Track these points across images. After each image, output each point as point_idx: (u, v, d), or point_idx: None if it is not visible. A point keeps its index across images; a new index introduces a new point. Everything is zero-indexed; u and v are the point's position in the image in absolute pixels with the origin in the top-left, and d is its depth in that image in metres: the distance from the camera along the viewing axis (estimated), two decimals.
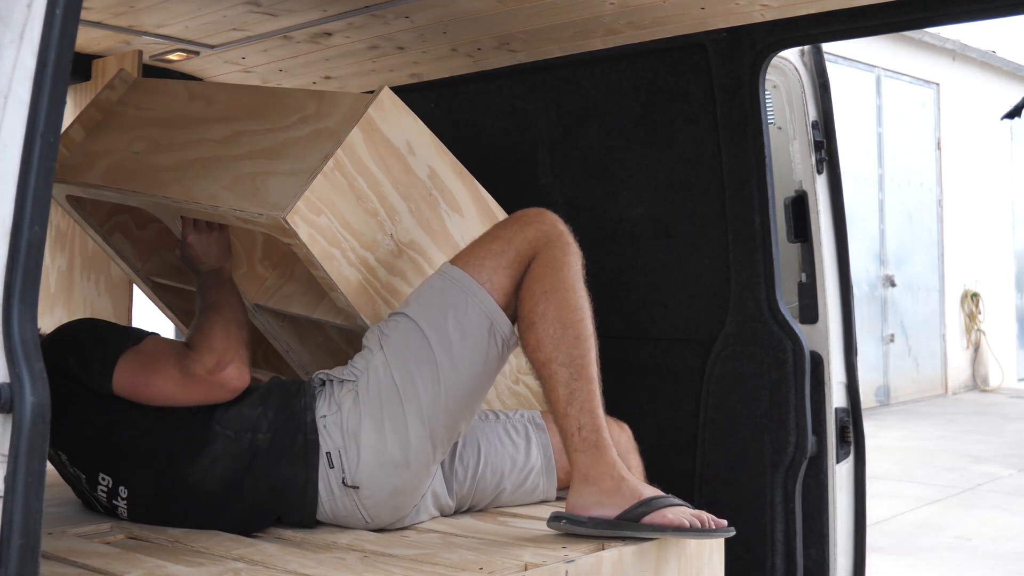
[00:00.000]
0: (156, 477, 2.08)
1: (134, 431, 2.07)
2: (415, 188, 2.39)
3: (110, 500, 2.13)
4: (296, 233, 2.14)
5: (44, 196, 1.22)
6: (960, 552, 5.07)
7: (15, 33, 1.23)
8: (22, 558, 1.16)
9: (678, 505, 2.01)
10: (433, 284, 2.14)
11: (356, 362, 2.12)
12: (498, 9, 2.64)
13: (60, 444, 2.13)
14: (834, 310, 2.76)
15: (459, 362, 2.07)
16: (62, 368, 2.04)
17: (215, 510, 2.08)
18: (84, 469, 2.13)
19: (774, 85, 2.86)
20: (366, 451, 2.04)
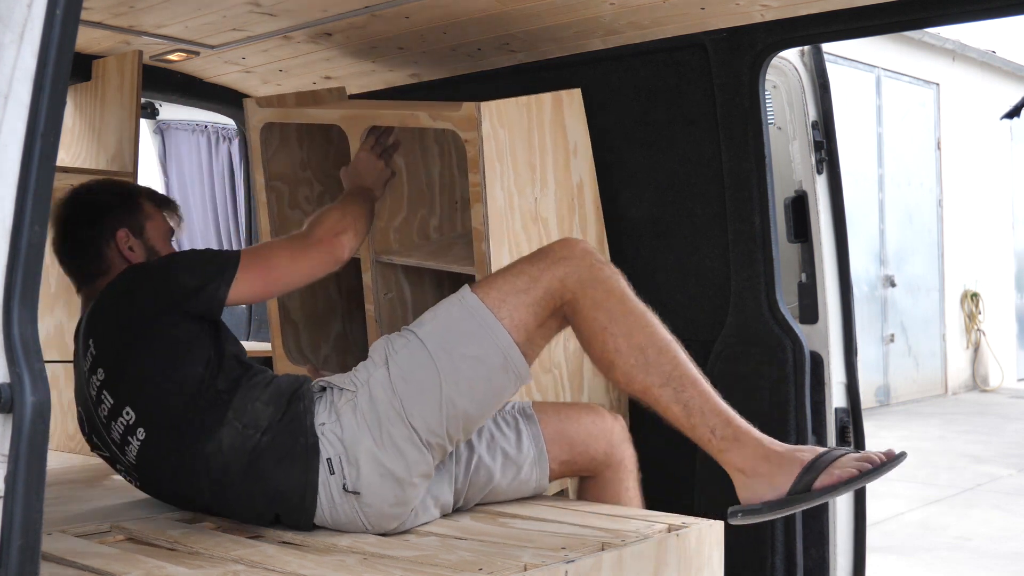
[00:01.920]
0: (174, 440, 2.08)
1: (177, 385, 2.09)
2: (564, 184, 2.71)
3: (125, 436, 2.12)
4: (480, 123, 2.44)
5: (44, 196, 1.22)
6: (960, 552, 5.07)
7: (15, 33, 1.23)
8: (22, 558, 1.16)
9: (840, 455, 1.92)
10: (450, 310, 2.10)
11: (358, 372, 2.11)
12: (498, 9, 2.64)
13: (112, 363, 2.13)
14: (834, 310, 2.76)
15: (464, 391, 2.05)
16: (160, 289, 2.13)
17: (213, 497, 2.10)
18: (116, 395, 2.12)
19: (774, 85, 2.86)
20: (365, 462, 2.03)
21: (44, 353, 1.25)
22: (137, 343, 2.12)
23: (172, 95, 3.54)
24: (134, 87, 3.01)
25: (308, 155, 3.21)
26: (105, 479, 2.73)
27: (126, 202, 2.35)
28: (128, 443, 2.13)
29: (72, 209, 2.33)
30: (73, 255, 2.34)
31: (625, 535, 2.04)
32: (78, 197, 2.36)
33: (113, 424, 2.14)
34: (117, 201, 2.34)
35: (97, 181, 2.46)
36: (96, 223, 2.30)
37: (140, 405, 2.11)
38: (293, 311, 3.20)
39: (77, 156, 3.17)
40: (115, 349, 2.14)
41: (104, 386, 2.14)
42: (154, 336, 2.12)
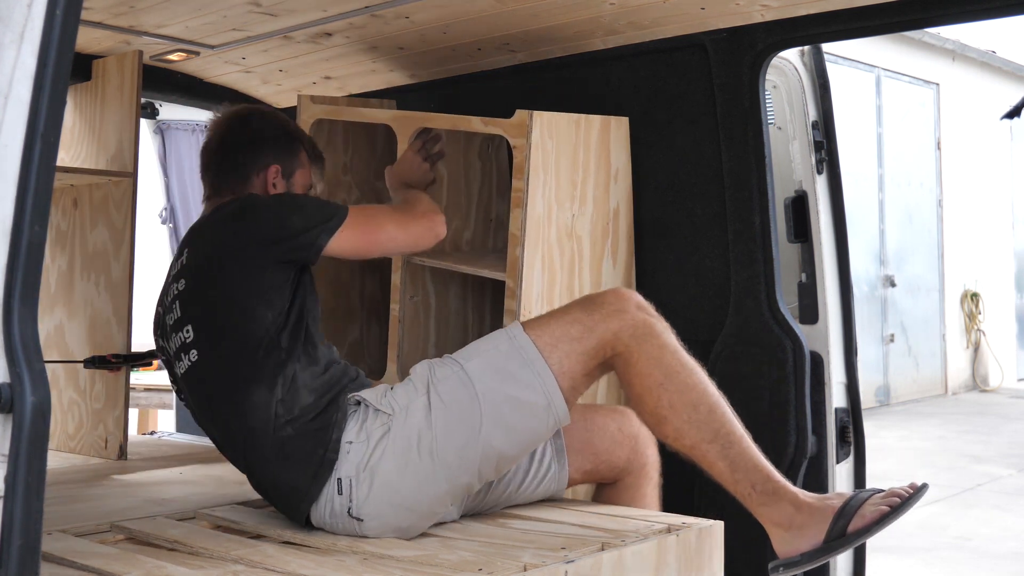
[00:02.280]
0: (219, 377, 2.10)
1: (243, 324, 2.08)
2: (601, 207, 2.78)
3: (179, 352, 2.15)
4: (531, 131, 2.55)
5: (44, 196, 1.22)
6: (960, 552, 5.07)
7: (15, 33, 1.23)
8: (22, 558, 1.16)
9: (867, 497, 1.97)
10: (499, 346, 2.08)
11: (397, 395, 2.07)
12: (498, 9, 2.64)
13: (194, 278, 2.14)
14: (834, 310, 2.76)
15: (503, 433, 2.03)
16: (265, 224, 2.14)
17: (234, 450, 2.14)
18: (185, 310, 2.14)
19: (774, 85, 2.86)
20: (380, 488, 2.00)
21: (44, 353, 1.25)
22: (224, 269, 2.12)
23: (172, 95, 3.54)
24: (134, 87, 3.01)
25: (351, 160, 3.28)
26: (105, 479, 2.73)
27: (289, 143, 2.39)
28: (180, 359, 2.15)
29: (239, 129, 2.37)
30: (220, 169, 2.36)
31: (625, 535, 2.04)
32: (249, 120, 2.39)
33: (175, 335, 2.16)
34: (283, 139, 2.38)
35: (270, 111, 2.48)
36: (256, 151, 2.34)
37: (202, 329, 2.11)
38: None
39: (77, 156, 3.17)
40: (203, 267, 2.14)
41: (179, 297, 2.15)
42: (242, 268, 2.11)
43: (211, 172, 2.37)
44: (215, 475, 2.77)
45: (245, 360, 2.07)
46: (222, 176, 2.35)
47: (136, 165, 3.02)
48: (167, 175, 4.70)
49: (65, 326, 3.13)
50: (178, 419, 4.27)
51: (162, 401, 5.30)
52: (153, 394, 5.35)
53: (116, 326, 3.00)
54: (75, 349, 3.09)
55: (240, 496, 2.42)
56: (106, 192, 3.06)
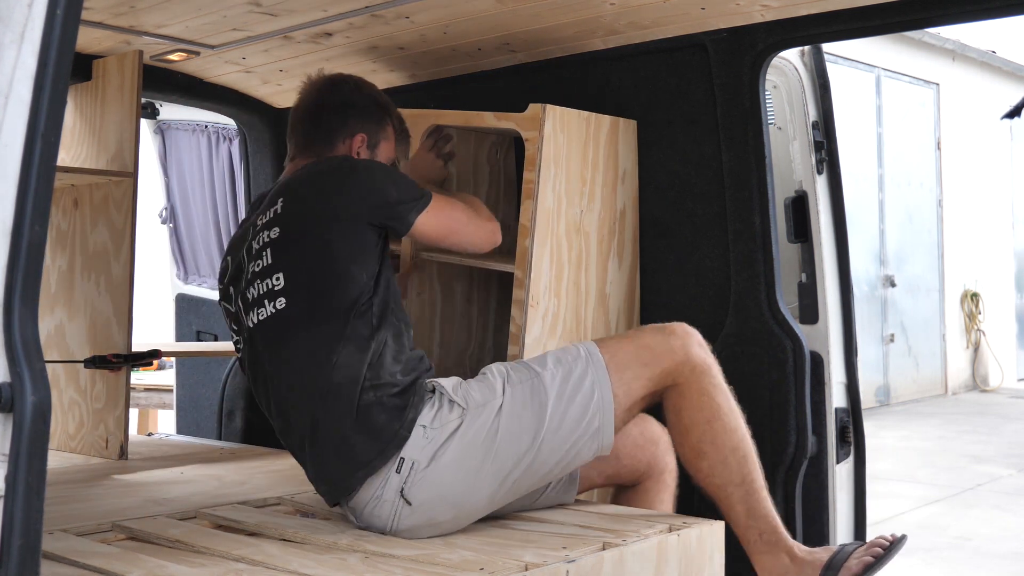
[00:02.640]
0: (305, 327, 2.08)
1: (341, 281, 2.08)
2: (609, 206, 2.80)
3: (262, 299, 2.13)
4: (544, 123, 2.59)
5: (45, 196, 1.22)
6: (960, 552, 5.07)
7: (16, 33, 1.23)
8: (22, 558, 1.16)
9: (851, 551, 2.12)
10: (575, 363, 2.14)
11: (473, 390, 2.10)
12: (498, 9, 2.64)
13: (291, 229, 2.13)
14: (834, 310, 2.76)
15: (556, 448, 2.09)
16: (367, 189, 2.16)
17: (287, 407, 2.11)
18: (277, 258, 2.13)
19: (774, 85, 2.86)
20: (437, 478, 2.03)
21: (44, 353, 1.25)
22: (324, 222, 2.12)
23: (172, 95, 3.54)
24: (134, 87, 3.01)
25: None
26: (106, 479, 2.73)
27: (379, 114, 2.39)
28: (261, 305, 2.13)
29: (330, 93, 2.37)
30: (308, 130, 2.36)
31: (626, 535, 2.04)
32: (341, 86, 2.39)
33: (258, 283, 2.14)
34: (372, 109, 2.38)
35: (363, 81, 2.46)
36: (345, 118, 2.34)
37: (295, 279, 2.10)
38: None
39: (77, 156, 3.17)
40: (302, 219, 2.14)
41: (271, 245, 2.14)
42: (342, 224, 2.13)
43: (297, 133, 2.37)
44: (216, 475, 2.77)
45: (339, 317, 2.07)
46: (308, 138, 2.35)
47: (136, 165, 3.02)
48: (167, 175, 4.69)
49: (65, 326, 3.13)
50: (178, 420, 4.27)
51: (162, 401, 5.30)
52: (153, 394, 5.35)
53: (116, 326, 3.00)
54: (75, 349, 3.09)
55: (241, 496, 2.43)
56: (106, 192, 3.06)
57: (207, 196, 4.57)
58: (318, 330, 2.08)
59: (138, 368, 3.92)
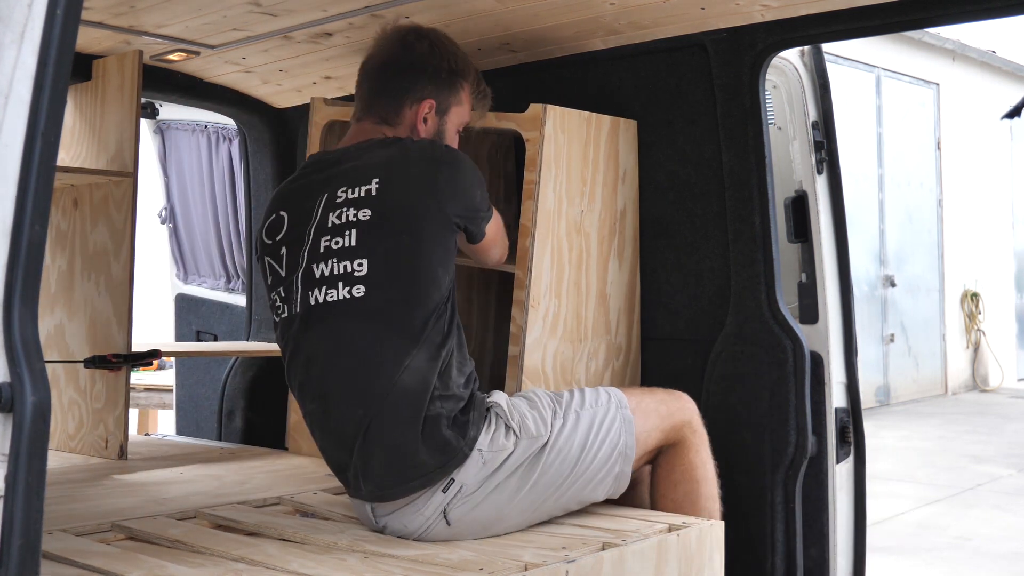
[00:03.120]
0: (382, 320, 2.03)
1: (426, 278, 2.05)
2: (609, 207, 2.80)
3: (333, 279, 2.05)
4: (544, 123, 2.59)
5: (45, 196, 1.22)
6: (960, 552, 5.07)
7: (16, 33, 1.23)
8: (22, 558, 1.16)
9: None
10: (609, 404, 2.20)
11: (527, 417, 2.09)
12: (498, 9, 2.64)
13: (387, 216, 2.07)
14: (834, 310, 2.76)
15: (581, 488, 2.14)
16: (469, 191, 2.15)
17: (346, 400, 2.04)
18: (363, 243, 2.06)
19: (774, 85, 2.86)
20: (477, 500, 2.02)
21: (44, 353, 1.25)
22: (419, 220, 2.06)
23: (172, 95, 3.54)
24: (134, 87, 3.01)
25: None
26: (105, 479, 2.73)
27: (450, 78, 2.30)
28: (333, 287, 2.05)
29: (400, 52, 2.28)
30: (374, 88, 2.29)
31: (626, 535, 2.05)
32: (413, 45, 2.28)
33: (333, 262, 2.07)
34: (444, 73, 2.29)
35: (439, 38, 2.34)
36: (414, 80, 2.26)
37: (381, 270, 2.04)
38: None
39: (77, 156, 3.17)
40: (399, 210, 2.07)
41: (359, 227, 2.06)
42: (436, 226, 2.08)
43: (363, 90, 2.30)
44: (215, 475, 2.77)
45: (418, 319, 2.02)
46: (373, 97, 2.27)
47: (136, 165, 3.01)
48: (167, 175, 4.69)
49: (65, 326, 3.13)
50: (178, 420, 4.27)
51: (162, 401, 5.30)
52: (153, 394, 5.35)
53: (116, 326, 3.00)
54: (75, 349, 3.09)
55: (240, 496, 2.43)
56: (106, 192, 3.06)
57: (207, 196, 4.57)
58: (393, 328, 2.02)
59: (138, 368, 3.92)
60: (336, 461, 2.13)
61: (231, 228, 4.50)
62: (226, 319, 4.24)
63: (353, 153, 2.20)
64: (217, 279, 4.55)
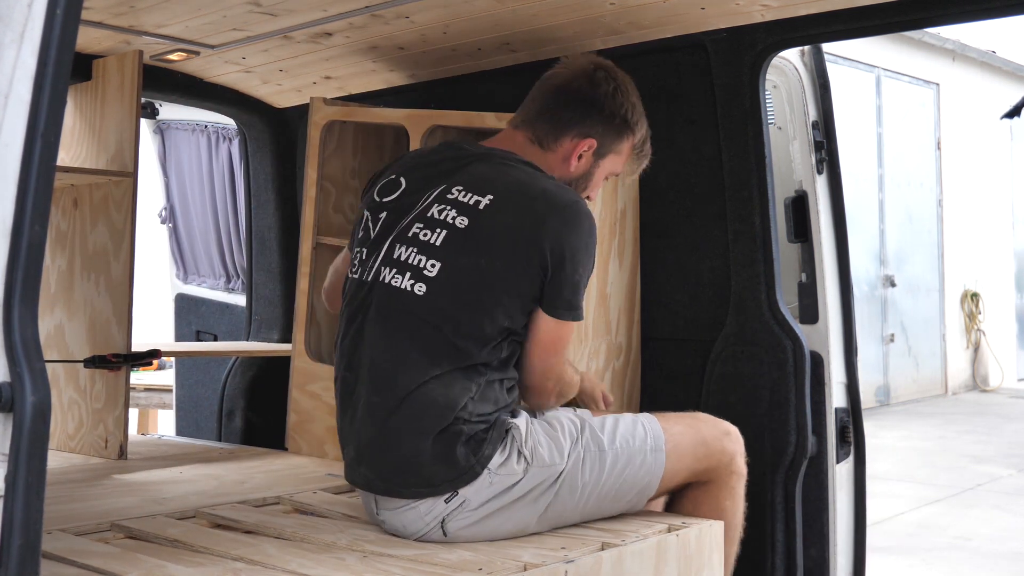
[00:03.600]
0: (435, 330, 1.99)
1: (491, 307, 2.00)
2: (609, 206, 2.78)
3: (403, 268, 2.03)
4: None
5: (44, 196, 1.22)
6: (960, 552, 5.07)
7: (16, 33, 1.23)
8: (22, 558, 1.16)
9: None
10: (643, 451, 2.13)
11: (541, 444, 2.05)
12: (498, 9, 2.64)
13: (481, 238, 2.02)
14: (834, 310, 2.76)
15: (591, 513, 2.12)
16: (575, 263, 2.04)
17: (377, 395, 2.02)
18: (447, 248, 2.01)
19: (774, 85, 2.86)
20: (478, 518, 2.01)
21: (44, 353, 1.25)
22: (512, 258, 2.00)
23: (172, 95, 3.54)
24: (134, 87, 3.01)
25: (360, 165, 3.28)
26: (105, 479, 2.73)
27: (621, 126, 2.23)
28: (401, 272, 2.04)
29: (587, 84, 2.20)
30: (545, 107, 2.21)
31: (625, 535, 2.04)
32: (601, 84, 2.20)
33: (412, 250, 2.04)
34: (617, 119, 2.22)
35: (628, 85, 2.25)
36: (586, 115, 2.19)
37: (449, 281, 2.00)
38: (319, 312, 3.20)
39: (77, 156, 3.17)
40: (497, 233, 2.01)
41: (450, 230, 2.03)
42: (526, 273, 2.01)
43: (533, 104, 2.23)
44: (214, 474, 2.77)
45: (464, 340, 1.98)
46: (540, 115, 2.20)
47: (136, 165, 3.01)
48: (167, 175, 4.69)
49: (65, 326, 3.13)
50: (178, 420, 4.27)
51: (162, 401, 5.30)
52: (153, 394, 5.35)
53: (116, 326, 3.00)
54: (75, 349, 3.09)
55: (240, 495, 2.43)
56: (106, 192, 3.06)
57: (207, 196, 4.57)
58: (435, 337, 2.00)
59: (138, 368, 3.92)
60: (345, 432, 2.12)
61: (231, 228, 4.50)
62: (226, 319, 4.24)
63: (491, 157, 2.15)
64: (217, 279, 4.56)
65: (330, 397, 3.05)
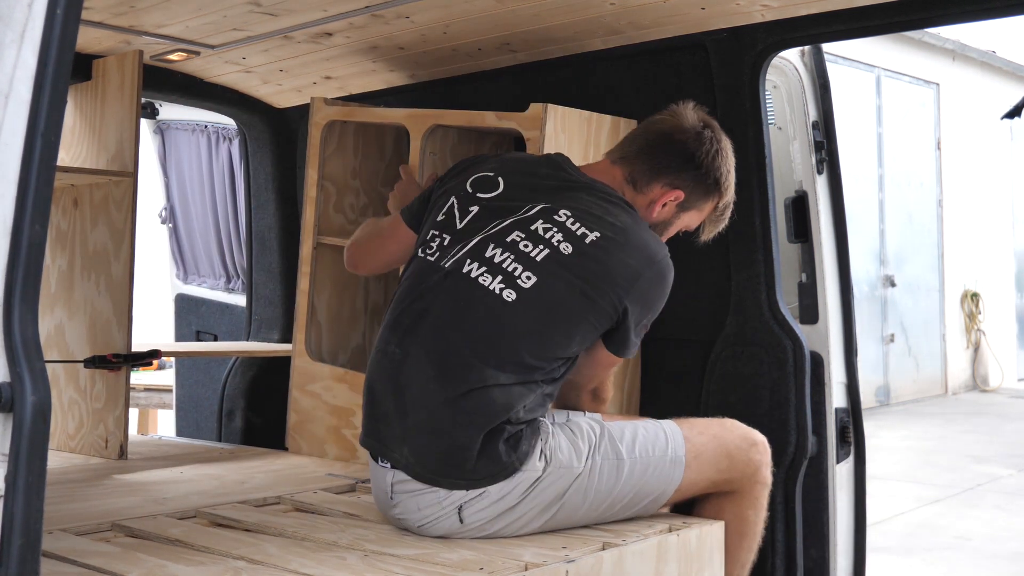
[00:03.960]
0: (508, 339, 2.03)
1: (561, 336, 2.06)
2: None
3: (498, 271, 2.06)
4: (545, 123, 2.60)
5: (45, 195, 1.22)
6: (960, 552, 5.07)
7: (16, 33, 1.23)
8: (22, 558, 1.16)
9: None
10: (663, 460, 2.15)
11: (561, 445, 2.08)
12: (498, 9, 2.64)
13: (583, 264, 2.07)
14: (834, 310, 2.76)
15: (599, 517, 2.13)
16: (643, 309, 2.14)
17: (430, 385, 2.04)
18: (546, 267, 2.06)
19: (774, 85, 2.86)
20: (495, 511, 2.02)
21: (44, 353, 1.25)
22: (602, 291, 2.07)
23: (172, 95, 3.54)
24: (134, 87, 3.01)
25: (360, 166, 3.28)
26: (105, 478, 2.73)
27: (712, 187, 2.28)
28: (493, 273, 2.06)
29: (694, 139, 2.24)
30: (649, 149, 2.25)
31: (625, 535, 2.05)
32: (706, 144, 2.25)
33: (509, 257, 2.08)
34: (711, 180, 2.26)
35: (729, 150, 2.31)
36: (683, 167, 2.24)
37: (537, 297, 2.04)
38: (320, 312, 3.21)
39: (77, 156, 3.17)
40: (596, 269, 2.07)
41: (552, 251, 2.07)
42: (607, 305, 2.08)
43: (637, 142, 2.29)
44: (215, 474, 2.77)
45: (534, 355, 2.04)
46: (642, 156, 2.25)
47: (136, 165, 3.01)
48: (167, 175, 4.69)
49: (65, 326, 3.13)
50: (178, 420, 4.27)
51: (162, 401, 5.30)
52: (153, 394, 5.35)
53: (116, 326, 3.00)
54: (75, 349, 3.09)
55: (240, 495, 2.43)
56: (106, 192, 3.06)
57: (207, 196, 4.57)
58: (510, 346, 2.03)
59: (138, 368, 3.91)
60: (378, 408, 2.11)
61: (231, 228, 4.50)
62: (226, 319, 4.24)
63: (595, 189, 2.21)
64: (217, 279, 4.56)
65: (331, 397, 3.07)
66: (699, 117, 2.29)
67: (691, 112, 2.29)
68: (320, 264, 3.16)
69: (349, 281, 3.25)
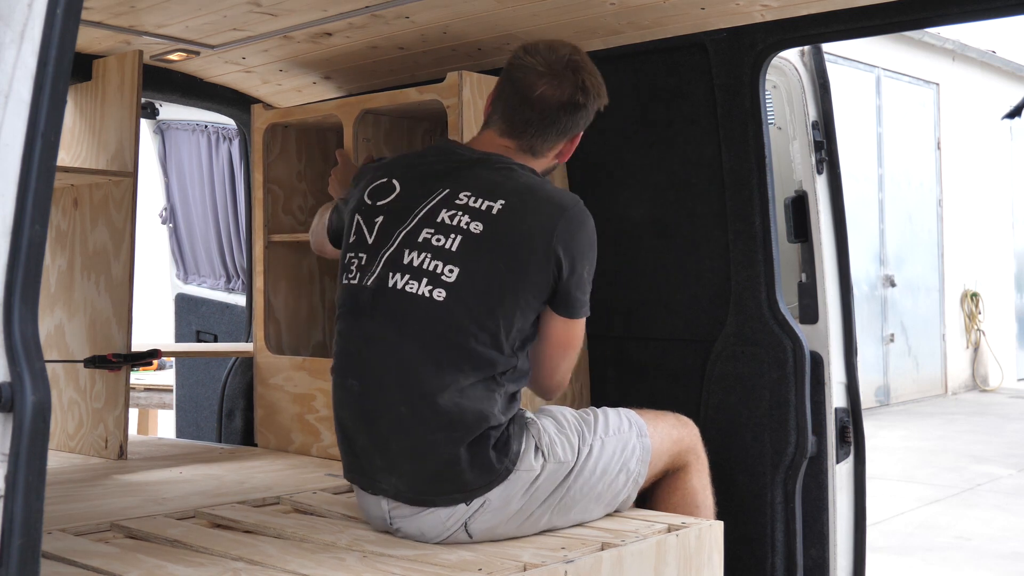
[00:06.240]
0: (449, 328, 2.00)
1: (509, 312, 2.02)
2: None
3: (419, 274, 2.02)
4: (461, 89, 2.70)
5: (45, 195, 1.22)
6: (960, 552, 5.07)
7: (16, 32, 1.23)
8: (22, 557, 1.16)
9: None
10: (631, 437, 2.24)
11: (556, 442, 2.10)
12: (498, 9, 2.64)
13: (496, 242, 2.03)
14: (834, 310, 2.76)
15: (594, 507, 2.17)
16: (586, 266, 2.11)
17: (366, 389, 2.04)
18: (464, 252, 2.01)
19: (774, 85, 2.86)
20: (500, 515, 2.02)
21: (44, 353, 1.25)
22: (528, 256, 2.02)
23: (172, 95, 3.54)
24: (134, 87, 3.01)
25: (305, 168, 3.38)
26: (105, 479, 2.73)
27: (598, 111, 2.22)
28: (416, 279, 2.02)
29: (583, 95, 2.15)
30: (542, 124, 2.15)
31: (625, 535, 2.05)
32: (591, 91, 2.17)
33: (425, 256, 2.03)
34: (599, 105, 2.21)
35: (591, 66, 2.21)
36: (576, 123, 2.19)
37: (469, 285, 2.00)
38: (277, 310, 3.30)
39: (77, 156, 3.17)
40: (513, 237, 2.03)
41: (465, 235, 2.03)
42: (539, 268, 2.03)
43: (522, 114, 2.16)
44: (214, 475, 2.77)
45: (485, 345, 2.00)
46: (536, 129, 2.15)
47: (136, 165, 3.01)
48: (167, 175, 4.69)
49: (65, 326, 3.13)
50: (178, 420, 4.27)
51: (162, 401, 5.29)
52: (153, 394, 5.35)
53: (116, 326, 3.00)
54: (75, 349, 3.09)
55: (239, 495, 2.43)
56: (106, 192, 3.06)
57: (207, 196, 4.58)
58: (458, 342, 1.99)
59: (138, 368, 3.91)
60: (355, 444, 2.08)
61: (231, 228, 4.50)
62: (226, 319, 4.24)
63: (490, 162, 2.15)
64: (217, 279, 4.56)
65: (291, 386, 3.14)
66: (565, 62, 2.16)
67: (559, 59, 2.16)
68: (274, 262, 3.27)
69: (304, 279, 3.36)
